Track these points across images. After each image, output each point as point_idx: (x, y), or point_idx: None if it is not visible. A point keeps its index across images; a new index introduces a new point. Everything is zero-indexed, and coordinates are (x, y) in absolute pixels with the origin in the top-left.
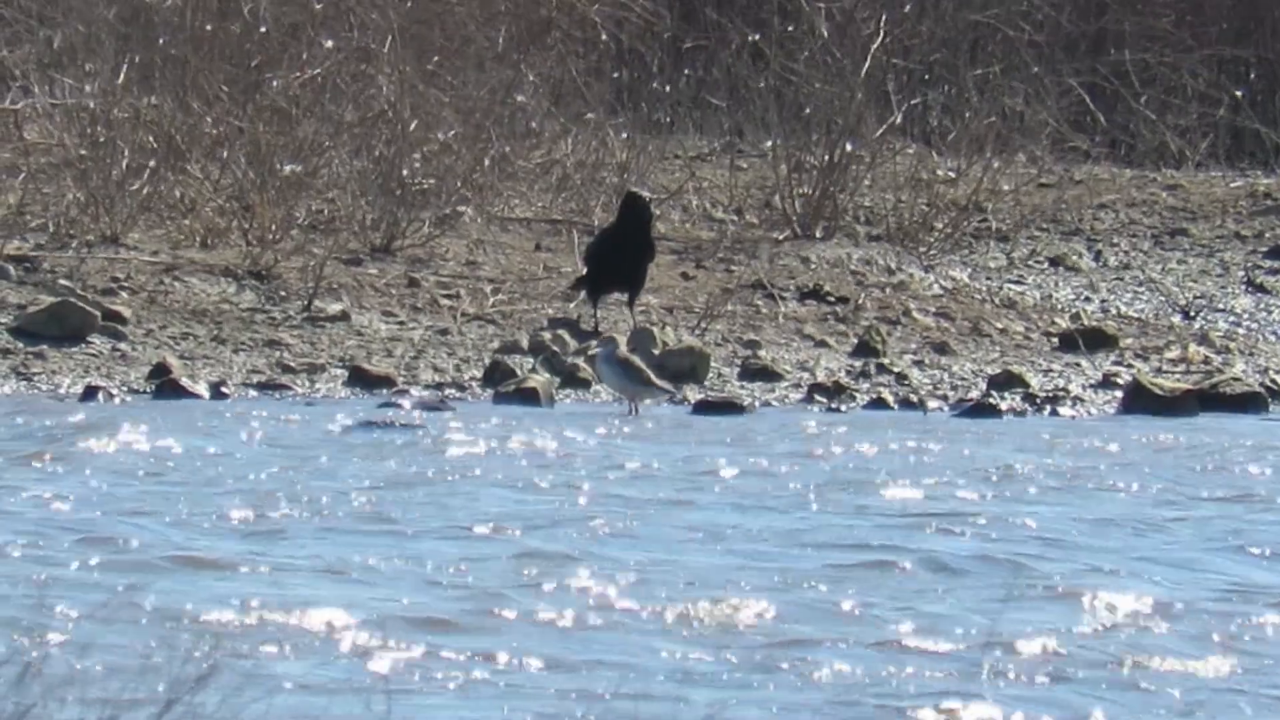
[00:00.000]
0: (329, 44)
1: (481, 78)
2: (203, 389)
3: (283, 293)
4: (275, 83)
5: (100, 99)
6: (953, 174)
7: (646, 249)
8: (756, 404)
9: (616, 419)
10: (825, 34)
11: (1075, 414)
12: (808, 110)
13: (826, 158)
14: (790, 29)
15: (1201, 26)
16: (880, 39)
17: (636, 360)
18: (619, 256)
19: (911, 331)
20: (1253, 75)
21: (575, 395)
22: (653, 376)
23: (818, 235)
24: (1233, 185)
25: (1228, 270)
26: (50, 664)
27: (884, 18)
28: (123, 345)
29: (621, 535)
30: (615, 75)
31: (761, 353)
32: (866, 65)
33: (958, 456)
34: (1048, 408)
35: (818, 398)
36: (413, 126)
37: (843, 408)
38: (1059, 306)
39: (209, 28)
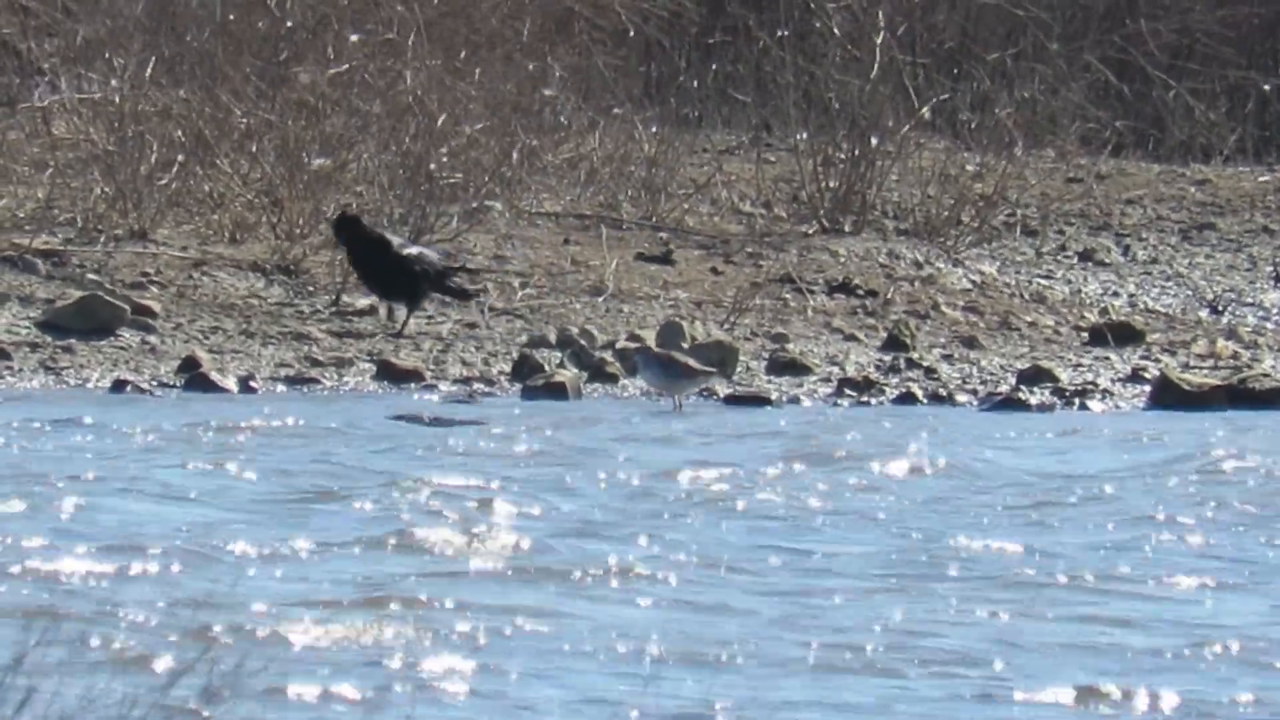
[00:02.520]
0: (355, 38)
1: (508, 71)
2: (231, 383)
3: (310, 287)
4: (303, 77)
5: (128, 93)
6: (979, 168)
7: (371, 261)
8: (784, 398)
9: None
10: (836, 30)
11: (1104, 408)
12: (835, 105)
13: (853, 152)
14: (807, 25)
15: (1231, 18)
16: (884, 32)
17: (673, 354)
18: (362, 273)
19: (940, 325)
20: None
21: (603, 389)
22: (692, 363)
23: (846, 229)
24: (1261, 180)
25: (1256, 265)
26: None
27: (892, 10)
28: (152, 339)
29: None
30: (643, 69)
31: (790, 346)
32: (878, 59)
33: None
34: (1076, 402)
35: (847, 391)
36: (440, 120)
37: (872, 401)
38: (1087, 301)
39: (234, 19)
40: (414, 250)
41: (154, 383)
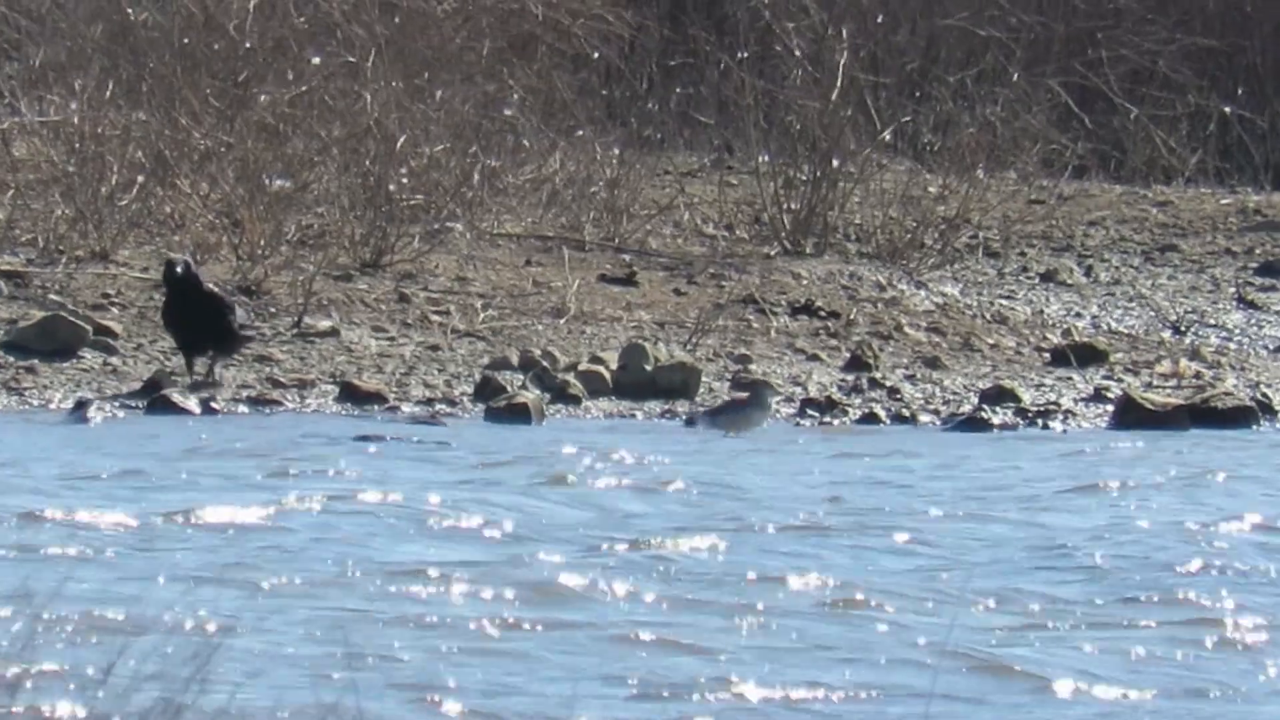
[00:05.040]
0: (315, 60)
1: (468, 92)
2: (194, 404)
3: (273, 308)
4: (263, 98)
5: (87, 114)
6: (941, 190)
7: (197, 312)
8: None
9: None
10: (797, 52)
11: (1067, 428)
12: (796, 127)
13: (815, 174)
14: (768, 47)
15: (1189, 38)
16: (845, 54)
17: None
18: (179, 322)
19: (903, 346)
20: (1240, 91)
21: (566, 411)
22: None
23: (808, 251)
24: (1223, 202)
25: (1218, 286)
26: None
27: (853, 32)
28: (114, 360)
29: None
30: (604, 91)
31: (753, 367)
32: (839, 81)
33: None
34: (1039, 422)
35: (810, 412)
36: (400, 142)
37: (834, 422)
38: (1050, 322)
39: (188, 42)
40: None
41: (116, 404)
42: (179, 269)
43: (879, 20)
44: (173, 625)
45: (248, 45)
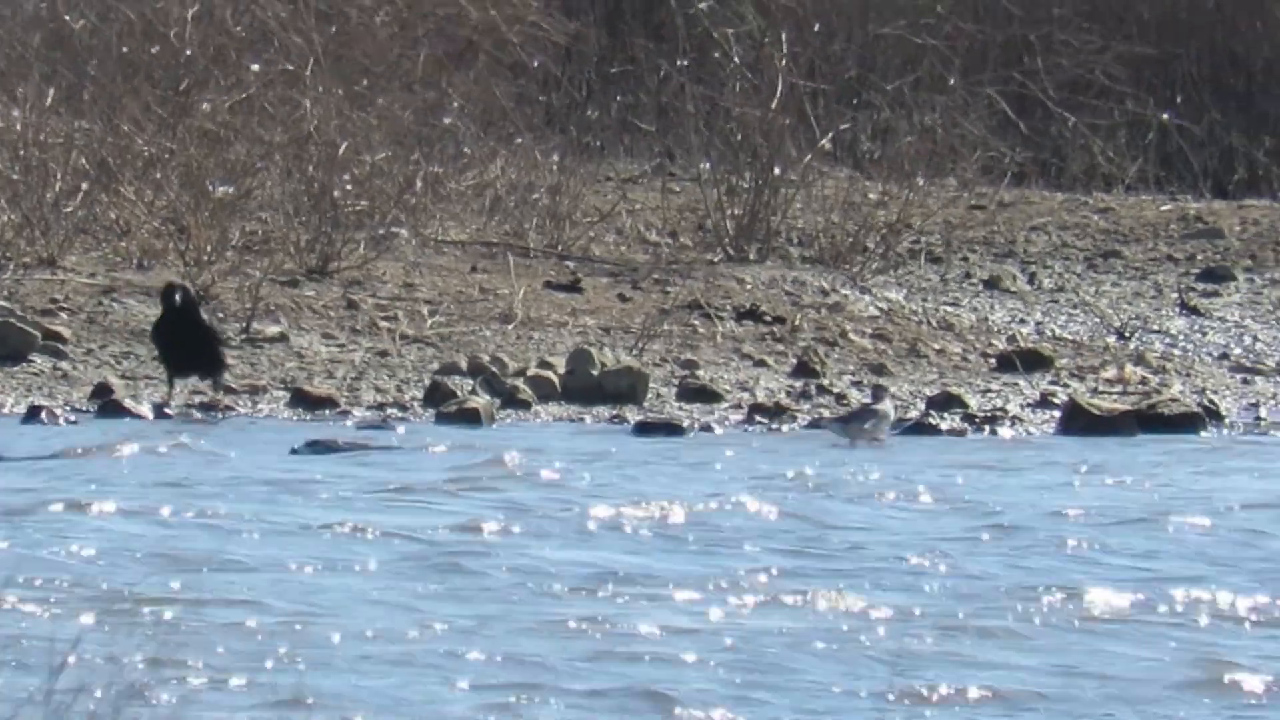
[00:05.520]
0: (255, 68)
1: (408, 99)
2: (146, 409)
3: (221, 314)
4: (205, 105)
5: (30, 121)
6: (883, 197)
7: (191, 336)
8: (696, 425)
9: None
10: (736, 59)
11: (1014, 433)
12: (737, 134)
13: (757, 180)
14: (708, 54)
15: (1127, 53)
16: (784, 61)
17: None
18: (172, 344)
19: (849, 352)
20: (1178, 100)
21: (516, 415)
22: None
23: (751, 257)
24: (1163, 209)
25: (1161, 292)
26: None
27: (792, 39)
28: (64, 364)
29: None
30: (543, 99)
31: (700, 372)
32: (778, 88)
33: None
34: (986, 427)
35: (758, 418)
36: (342, 149)
37: (784, 428)
38: (995, 328)
39: (128, 50)
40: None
41: (68, 409)
42: (177, 296)
43: (816, 28)
44: None
45: (188, 53)
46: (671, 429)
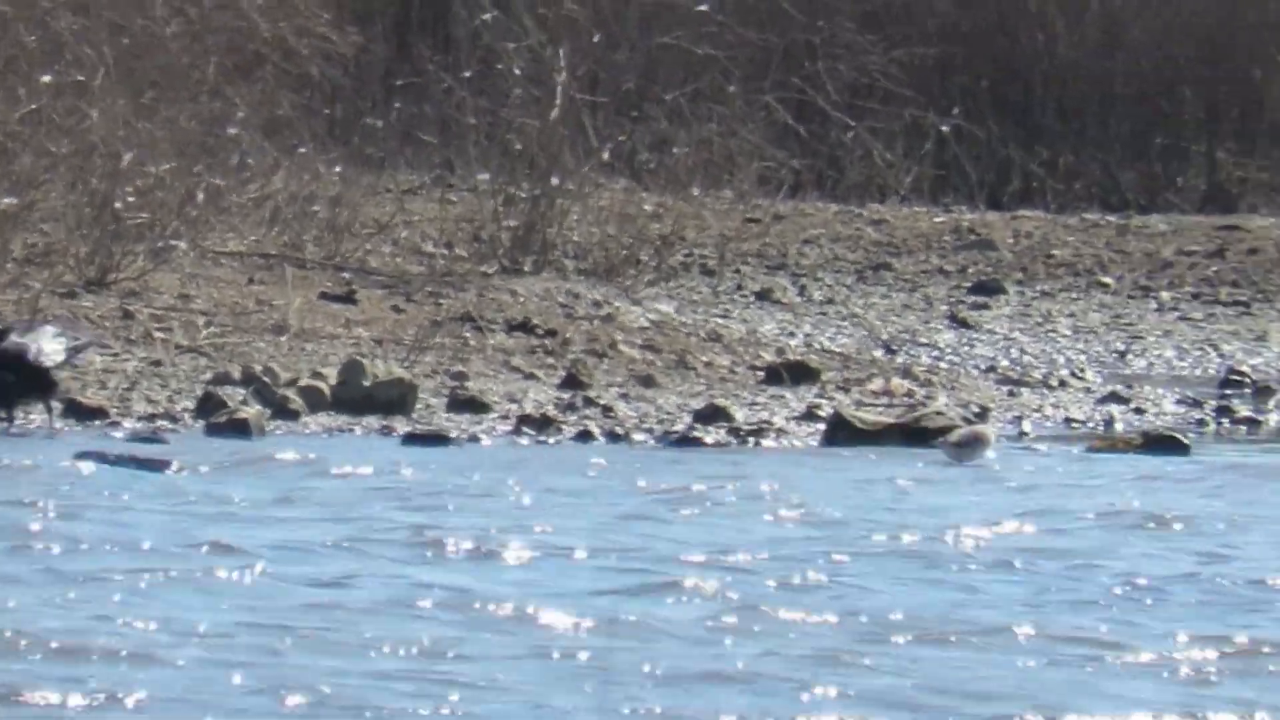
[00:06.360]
0: (46, 79)
1: (194, 111)
2: None
3: None
4: None
5: None
6: (658, 208)
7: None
8: (464, 436)
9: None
10: (518, 71)
11: (779, 446)
12: (516, 145)
13: (534, 192)
14: (490, 66)
15: (907, 59)
16: (565, 73)
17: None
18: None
19: (618, 364)
20: (957, 110)
21: (286, 426)
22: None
23: (526, 269)
24: (937, 220)
25: (931, 305)
26: None
27: (572, 51)
28: None
29: None
30: (327, 110)
31: (469, 384)
32: (558, 100)
33: None
34: (752, 440)
35: (526, 430)
36: (126, 160)
37: (550, 440)
38: (764, 340)
39: None
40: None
41: None
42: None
43: (596, 40)
44: None
45: None
46: (439, 439)
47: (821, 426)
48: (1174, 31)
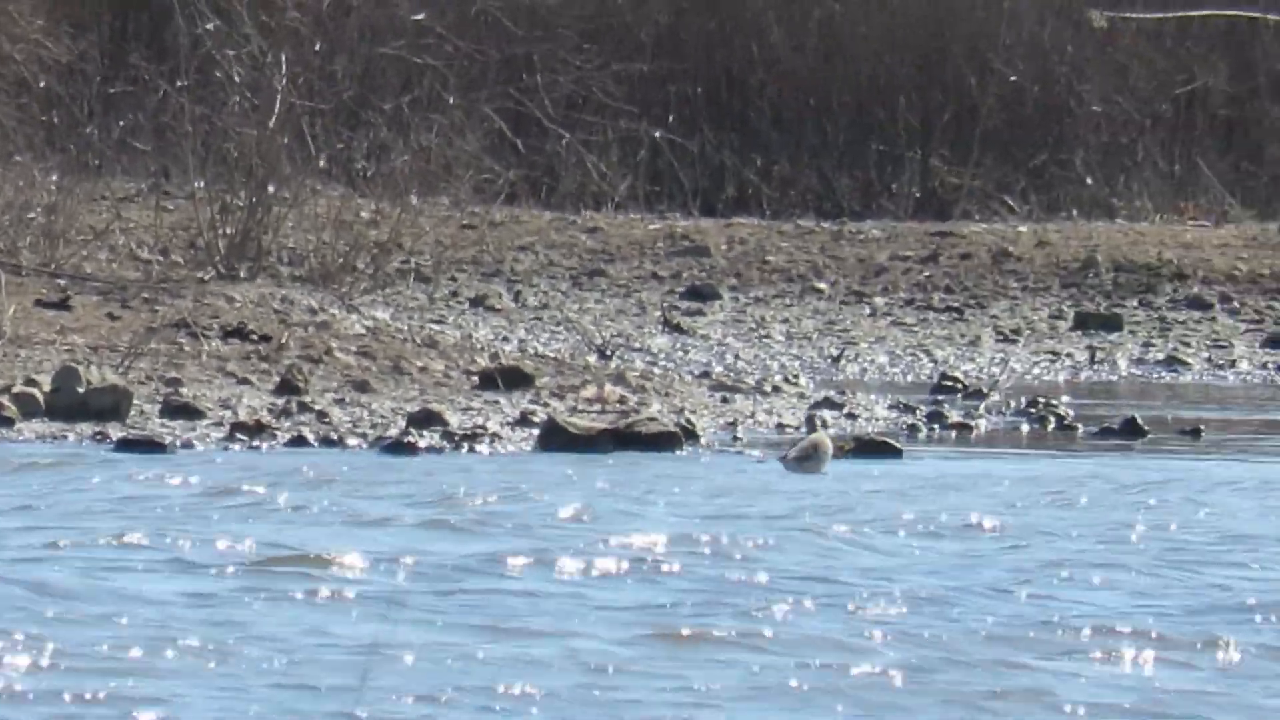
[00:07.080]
0: None
1: None
2: None
3: None
4: None
5: None
6: (375, 216)
7: None
8: (178, 442)
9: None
10: (237, 78)
11: (492, 451)
12: (234, 153)
13: (251, 199)
14: (209, 74)
15: (625, 71)
16: (284, 81)
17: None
18: None
19: (333, 370)
20: (672, 119)
21: (1, 433)
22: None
23: (242, 275)
24: (651, 227)
25: (645, 310)
26: None
27: (292, 59)
28: None
29: None
30: (44, 118)
31: (184, 390)
32: (277, 108)
33: None
34: (465, 445)
35: (239, 436)
36: None
37: (264, 446)
38: (479, 346)
39: None
40: None
41: None
42: None
43: (317, 48)
44: None
45: None
46: (153, 446)
47: (535, 432)
48: (890, 41)
